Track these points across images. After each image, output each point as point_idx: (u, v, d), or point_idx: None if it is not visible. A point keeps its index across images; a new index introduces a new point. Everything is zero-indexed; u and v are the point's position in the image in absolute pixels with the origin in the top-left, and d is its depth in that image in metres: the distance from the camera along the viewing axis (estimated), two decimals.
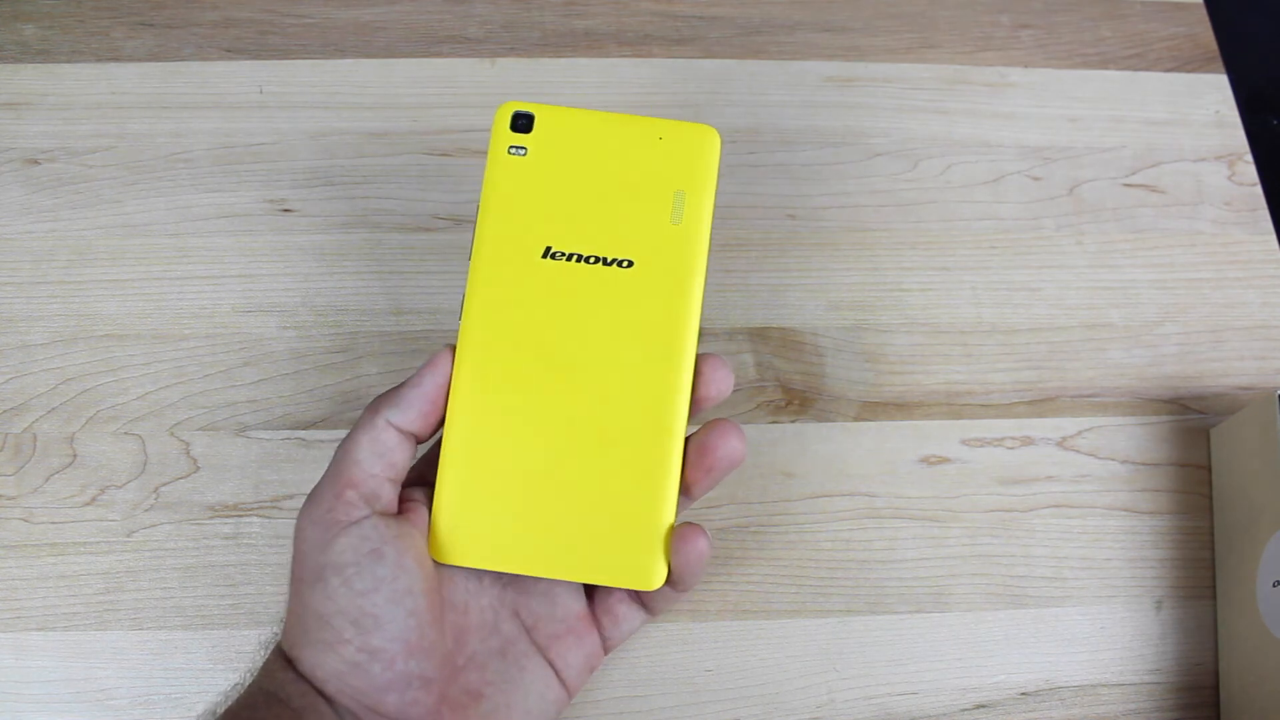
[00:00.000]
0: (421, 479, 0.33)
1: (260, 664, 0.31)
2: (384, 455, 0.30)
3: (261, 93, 0.47)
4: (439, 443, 0.32)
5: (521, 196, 0.31)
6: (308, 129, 0.47)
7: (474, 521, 0.31)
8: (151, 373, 0.42)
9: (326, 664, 0.29)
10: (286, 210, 0.45)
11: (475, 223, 0.31)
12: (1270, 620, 0.37)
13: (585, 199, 0.31)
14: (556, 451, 0.31)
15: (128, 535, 0.39)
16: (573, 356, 0.31)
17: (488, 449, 0.31)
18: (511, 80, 0.48)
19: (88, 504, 0.40)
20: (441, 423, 0.32)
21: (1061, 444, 0.43)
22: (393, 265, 0.44)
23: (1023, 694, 0.40)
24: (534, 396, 0.31)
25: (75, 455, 0.40)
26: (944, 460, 0.43)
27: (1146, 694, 0.40)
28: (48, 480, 0.40)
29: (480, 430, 0.31)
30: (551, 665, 0.33)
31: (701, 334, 0.33)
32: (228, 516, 0.40)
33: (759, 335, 0.44)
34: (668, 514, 0.31)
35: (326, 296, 0.44)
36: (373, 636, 0.28)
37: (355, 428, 0.30)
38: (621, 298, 0.31)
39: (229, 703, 0.30)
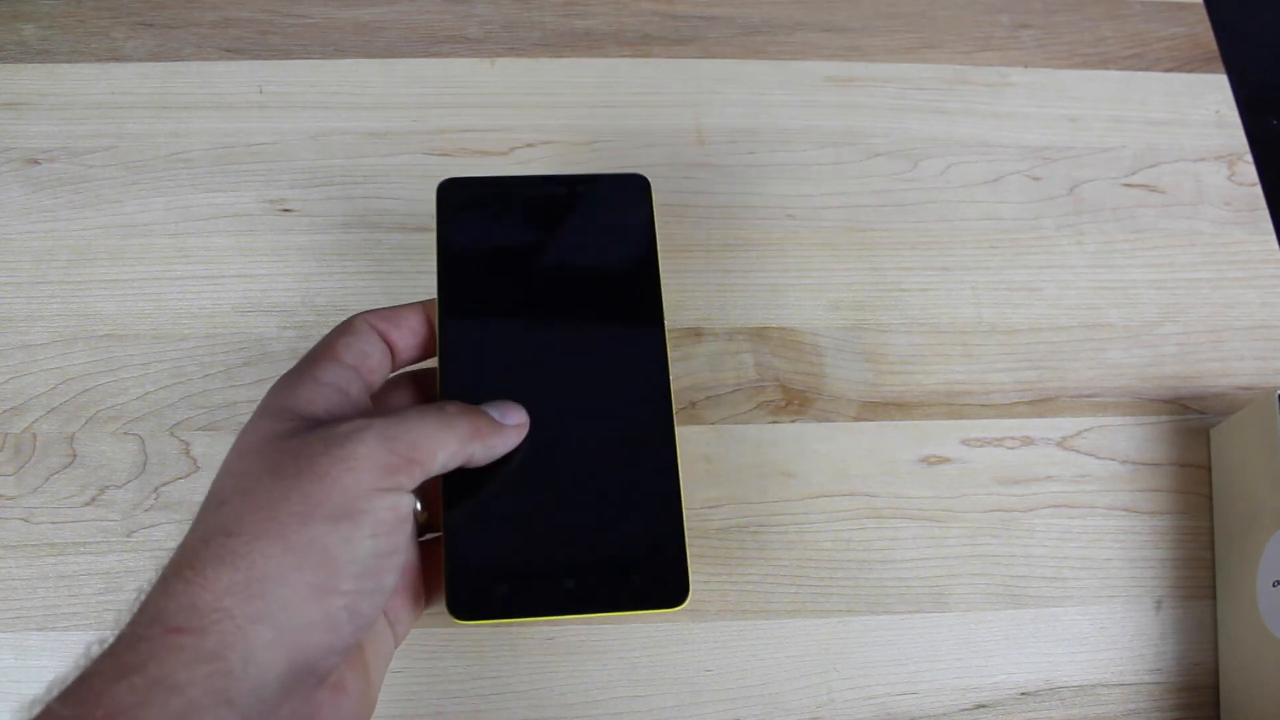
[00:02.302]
0: None
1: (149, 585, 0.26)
2: (445, 470, 0.28)
3: (261, 93, 0.47)
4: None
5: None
6: (308, 129, 0.47)
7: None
8: (151, 373, 0.42)
9: (299, 609, 0.25)
10: (286, 210, 0.45)
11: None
12: (1270, 620, 0.37)
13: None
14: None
15: (128, 535, 0.39)
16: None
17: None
18: (511, 80, 0.48)
19: (87, 504, 0.40)
20: (424, 353, 0.32)
21: (1061, 444, 0.43)
22: (393, 265, 0.44)
23: (1023, 694, 0.40)
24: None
25: (75, 455, 0.40)
26: (944, 460, 0.43)
27: (1146, 694, 0.40)
28: (48, 480, 0.40)
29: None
30: (387, 619, 0.30)
31: (702, 334, 0.33)
32: None
33: (759, 335, 0.44)
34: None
35: (326, 296, 0.44)
36: (365, 600, 0.26)
37: (450, 426, 0.28)
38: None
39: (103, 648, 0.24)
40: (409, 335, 0.32)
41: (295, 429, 0.27)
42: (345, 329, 0.31)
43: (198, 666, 0.24)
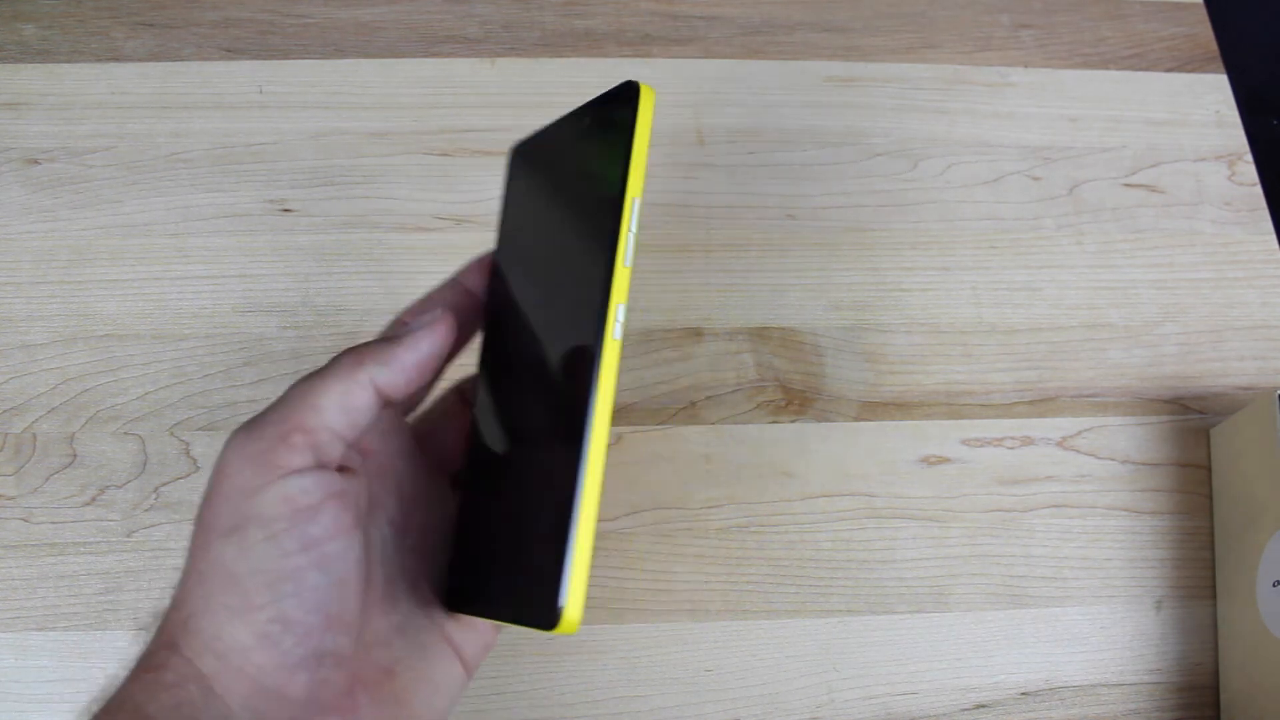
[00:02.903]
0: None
1: (136, 656, 0.26)
2: (350, 414, 0.26)
3: (261, 93, 0.47)
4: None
5: None
6: (308, 129, 0.47)
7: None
8: (151, 373, 0.42)
9: (228, 635, 0.24)
10: (286, 210, 0.45)
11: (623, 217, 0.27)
12: (1270, 620, 0.37)
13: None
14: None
15: (128, 535, 0.39)
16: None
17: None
18: (511, 80, 0.48)
19: (88, 504, 0.40)
20: (423, 395, 0.30)
21: (1061, 444, 0.43)
22: (393, 265, 0.44)
23: (1023, 694, 0.40)
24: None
25: (75, 455, 0.40)
26: (944, 460, 0.43)
27: (1146, 694, 0.40)
28: (48, 480, 0.40)
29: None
30: (450, 642, 0.29)
31: (702, 334, 0.33)
32: None
33: (759, 335, 0.44)
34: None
35: (326, 296, 0.44)
36: (289, 604, 0.24)
37: (326, 372, 0.26)
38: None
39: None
40: (406, 389, 0.28)
41: None
42: (318, 387, 0.26)
43: (164, 697, 0.24)
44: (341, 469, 0.27)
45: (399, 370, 0.27)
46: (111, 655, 0.38)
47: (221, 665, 0.24)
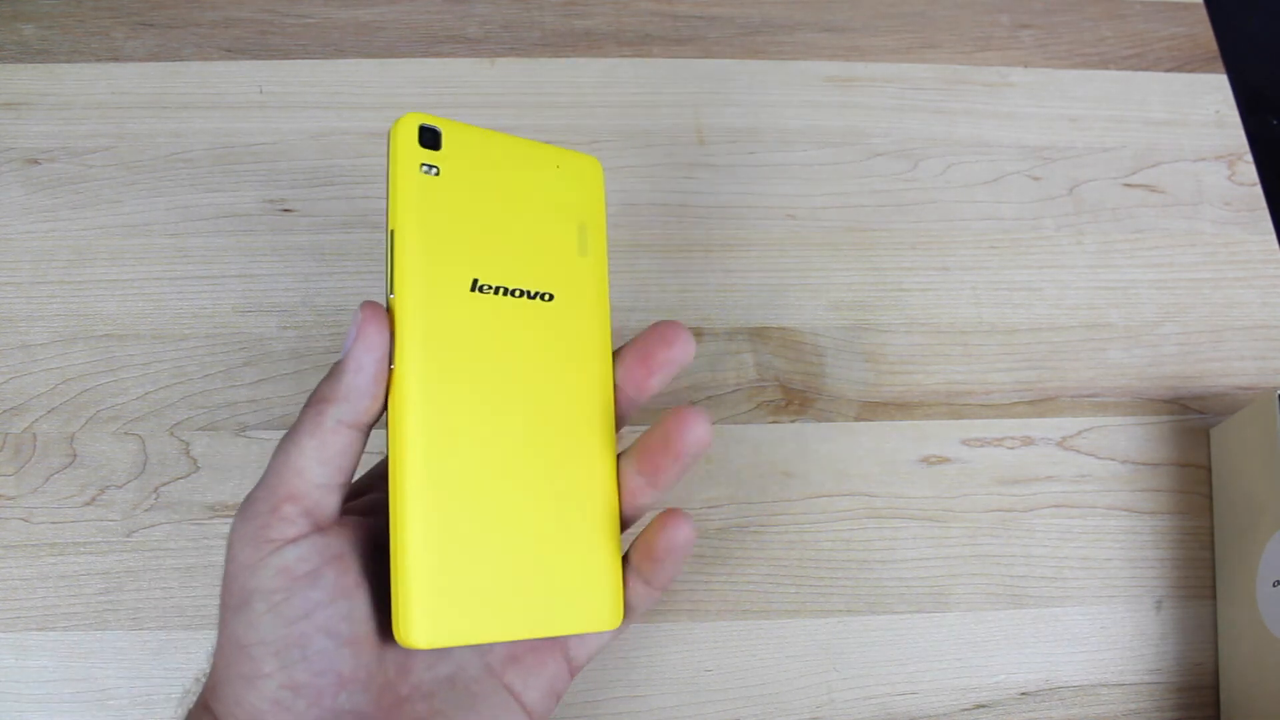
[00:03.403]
0: (358, 490, 0.31)
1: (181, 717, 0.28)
2: (332, 462, 0.27)
3: (261, 93, 0.47)
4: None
5: (439, 220, 0.28)
6: (308, 129, 0.47)
7: (437, 597, 0.27)
8: (151, 373, 0.42)
9: (246, 702, 0.25)
10: (286, 210, 0.45)
11: (390, 246, 0.28)
12: (1270, 620, 0.37)
13: (500, 227, 0.29)
14: (506, 506, 0.28)
15: (127, 535, 0.39)
16: (512, 400, 0.29)
17: (441, 516, 0.27)
18: (511, 80, 0.48)
19: (88, 504, 0.40)
20: (386, 404, 0.28)
21: (1061, 444, 0.43)
22: None
23: (1023, 694, 0.40)
24: (482, 449, 0.28)
25: (75, 455, 0.40)
26: (944, 460, 0.43)
27: (1146, 694, 0.40)
28: (48, 480, 0.40)
29: (427, 497, 0.27)
30: (510, 690, 0.29)
31: (702, 334, 0.33)
32: (227, 516, 0.40)
33: (759, 335, 0.44)
34: (612, 550, 0.29)
35: (326, 296, 0.44)
36: (298, 670, 0.25)
37: (298, 428, 0.27)
38: (548, 332, 0.30)
39: None
40: (372, 408, 0.28)
41: None
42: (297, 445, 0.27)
43: None
44: (349, 513, 0.28)
45: (358, 397, 0.27)
46: (111, 655, 0.38)
47: None
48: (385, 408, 0.28)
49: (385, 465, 0.28)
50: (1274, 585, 0.37)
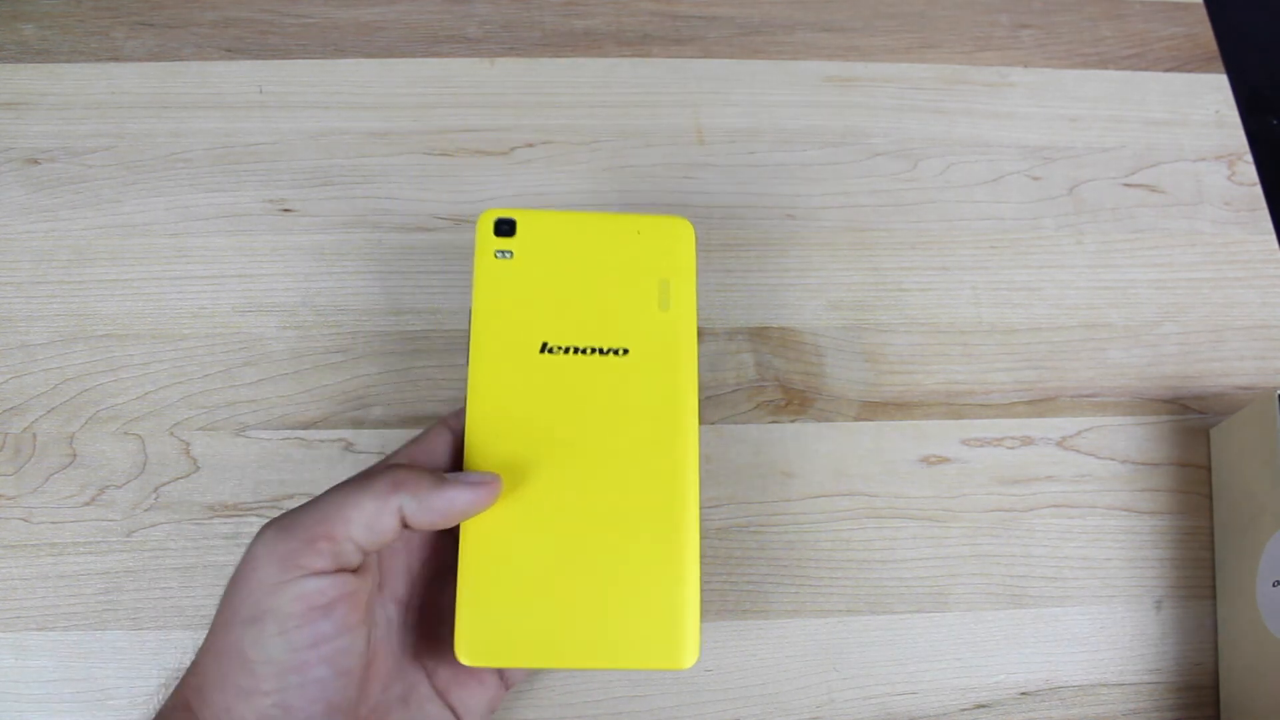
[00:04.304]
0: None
1: (153, 712, 0.29)
2: (375, 532, 0.28)
3: (261, 93, 0.47)
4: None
5: (512, 296, 0.32)
6: (308, 129, 0.47)
7: (501, 620, 0.30)
8: (151, 373, 0.42)
9: (236, 711, 0.27)
10: (286, 210, 0.45)
11: (470, 326, 0.32)
12: (1270, 620, 0.37)
13: (574, 294, 0.33)
14: (574, 542, 0.31)
15: (127, 535, 0.39)
16: (580, 445, 0.31)
17: (508, 546, 0.31)
18: (511, 80, 0.48)
19: (87, 504, 0.40)
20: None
21: (1061, 444, 0.43)
22: (393, 265, 0.44)
23: (1023, 694, 0.40)
24: (547, 489, 0.31)
25: (75, 455, 0.40)
26: (944, 460, 0.43)
27: (1146, 694, 0.40)
28: (48, 480, 0.40)
29: (498, 529, 0.31)
30: (451, 709, 0.32)
31: (702, 334, 0.33)
32: (227, 516, 0.40)
33: (759, 335, 0.44)
34: (692, 590, 0.31)
35: (326, 296, 0.44)
36: (293, 693, 0.27)
37: (366, 486, 0.29)
38: (621, 384, 0.32)
39: None
40: (429, 525, 0.30)
41: None
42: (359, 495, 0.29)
43: None
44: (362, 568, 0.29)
45: (428, 511, 0.29)
46: (111, 655, 0.38)
47: None
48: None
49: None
50: (1274, 585, 0.37)
